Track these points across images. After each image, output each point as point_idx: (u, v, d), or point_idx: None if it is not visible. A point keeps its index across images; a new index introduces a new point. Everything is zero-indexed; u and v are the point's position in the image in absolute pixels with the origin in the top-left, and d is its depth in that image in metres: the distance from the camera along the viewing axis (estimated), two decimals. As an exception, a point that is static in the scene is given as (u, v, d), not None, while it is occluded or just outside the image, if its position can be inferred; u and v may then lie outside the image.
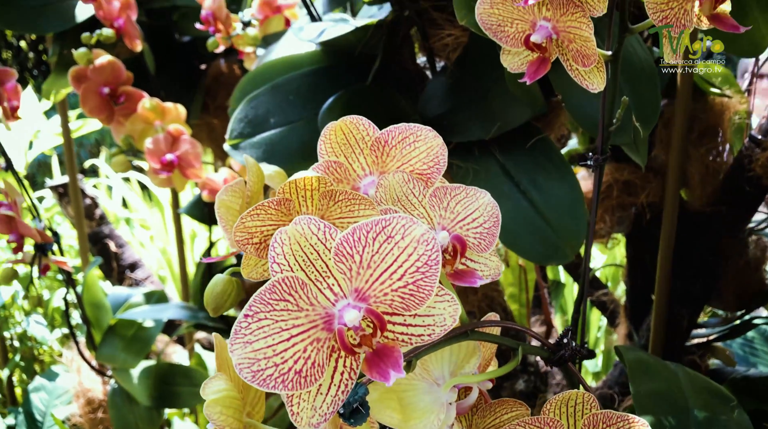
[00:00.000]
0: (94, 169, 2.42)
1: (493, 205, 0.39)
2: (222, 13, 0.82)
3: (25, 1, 1.00)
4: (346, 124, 0.39)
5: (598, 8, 0.41)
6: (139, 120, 0.83)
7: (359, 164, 0.39)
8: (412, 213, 0.38)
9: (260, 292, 0.28)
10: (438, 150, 0.39)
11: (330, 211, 0.36)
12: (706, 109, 0.93)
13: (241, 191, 0.39)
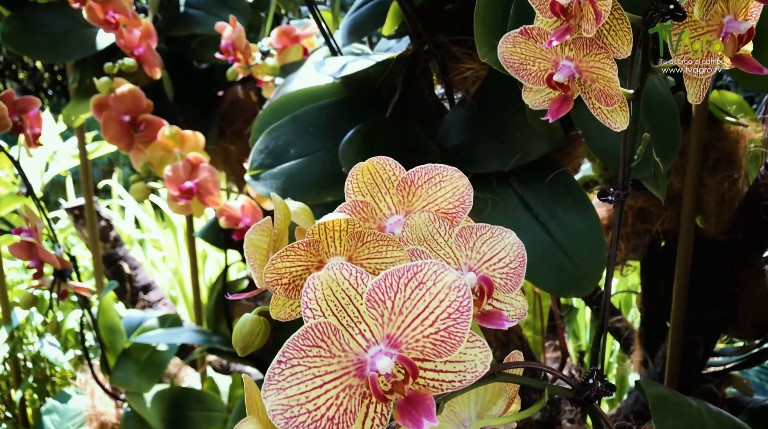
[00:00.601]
0: (107, 189, 2.44)
1: (519, 245, 0.39)
2: (242, 44, 0.84)
3: (49, 30, 1.02)
4: (373, 165, 0.40)
5: (622, 51, 0.41)
6: (158, 147, 0.84)
7: (385, 203, 0.40)
8: (438, 253, 0.38)
9: (294, 338, 0.29)
10: (463, 190, 0.40)
11: (358, 252, 0.36)
12: (721, 137, 0.94)
13: (268, 230, 0.39)
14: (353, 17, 0.72)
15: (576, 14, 0.42)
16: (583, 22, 0.42)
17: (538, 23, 0.46)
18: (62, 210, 1.62)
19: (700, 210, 0.96)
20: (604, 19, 0.39)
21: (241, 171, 1.16)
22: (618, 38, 0.41)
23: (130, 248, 1.85)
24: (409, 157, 0.67)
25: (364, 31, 0.70)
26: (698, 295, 0.95)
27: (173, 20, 1.00)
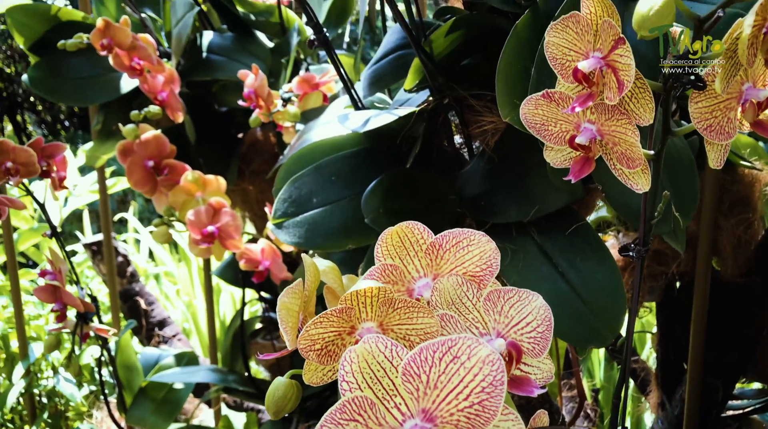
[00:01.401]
0: (122, 221, 2.47)
1: (546, 309, 0.40)
2: (264, 92, 0.86)
3: (75, 74, 1.05)
4: (402, 229, 0.41)
5: (643, 118, 0.42)
6: (181, 192, 0.86)
7: (414, 266, 0.41)
8: (466, 317, 0.39)
9: (331, 412, 0.30)
10: (491, 254, 0.40)
11: (389, 318, 0.37)
12: (735, 180, 0.94)
13: (299, 292, 0.40)
14: (374, 69, 0.74)
15: (598, 81, 0.43)
16: (606, 90, 0.43)
17: (560, 87, 0.47)
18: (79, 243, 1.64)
19: (717, 252, 0.96)
20: (627, 88, 0.41)
21: (260, 210, 1.17)
22: (640, 106, 0.43)
23: (146, 282, 1.86)
24: (430, 207, 0.68)
25: (385, 83, 0.72)
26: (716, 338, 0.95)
27: (196, 65, 1.03)
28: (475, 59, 0.70)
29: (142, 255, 2.11)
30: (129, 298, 1.48)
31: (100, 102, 1.06)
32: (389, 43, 0.74)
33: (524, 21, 0.55)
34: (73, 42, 0.94)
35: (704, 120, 0.42)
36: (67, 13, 1.04)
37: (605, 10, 0.42)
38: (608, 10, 0.42)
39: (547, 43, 0.46)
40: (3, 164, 0.79)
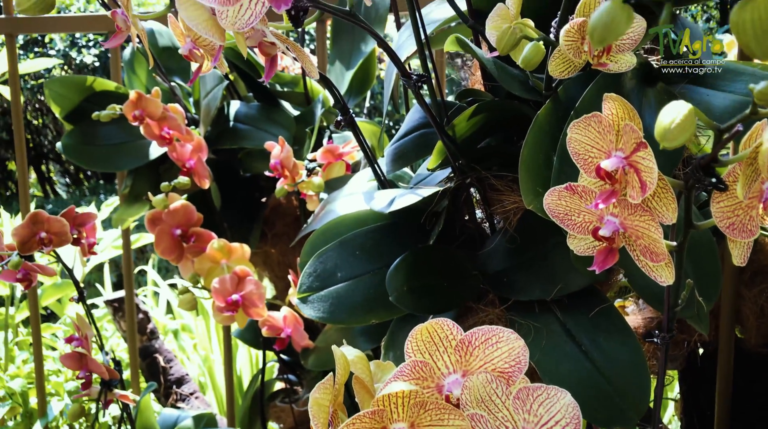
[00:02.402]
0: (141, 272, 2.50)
1: (574, 406, 0.40)
2: (290, 163, 0.89)
3: (106, 141, 1.09)
4: (432, 325, 0.42)
5: (666, 217, 0.44)
6: (206, 259, 0.88)
7: (443, 363, 0.42)
8: (496, 415, 0.39)
9: None
10: (519, 351, 0.41)
11: (420, 418, 0.38)
12: (757, 250, 0.94)
13: (330, 387, 0.41)
14: (397, 146, 0.76)
15: (621, 179, 0.45)
16: (629, 188, 0.44)
17: (582, 181, 0.49)
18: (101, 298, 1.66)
19: (740, 322, 0.95)
20: (650, 190, 0.42)
21: (281, 272, 1.19)
22: (663, 204, 0.44)
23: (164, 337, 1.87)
24: (453, 283, 0.69)
25: (408, 160, 0.74)
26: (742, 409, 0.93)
27: (223, 134, 1.07)
28: (497, 139, 0.72)
29: (160, 308, 2.12)
30: (148, 356, 1.49)
31: (129, 168, 1.09)
32: (412, 121, 0.76)
33: (545, 111, 0.57)
34: (107, 113, 0.97)
35: (726, 219, 0.43)
36: (101, 83, 1.09)
37: (626, 113, 0.44)
38: (629, 113, 0.44)
39: (569, 139, 0.48)
40: (37, 234, 0.82)
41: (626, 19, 0.28)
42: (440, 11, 0.75)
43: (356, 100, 1.16)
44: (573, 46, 0.48)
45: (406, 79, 0.58)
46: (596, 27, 0.28)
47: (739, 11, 0.27)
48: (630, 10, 0.28)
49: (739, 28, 0.27)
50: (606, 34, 0.28)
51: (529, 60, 0.47)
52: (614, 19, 0.27)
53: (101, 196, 3.61)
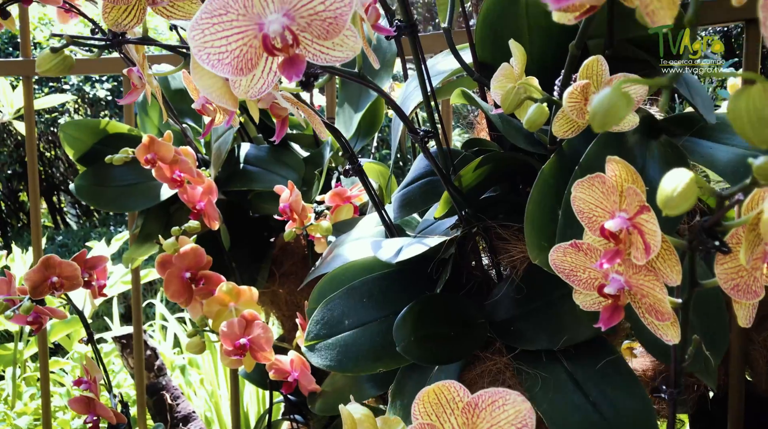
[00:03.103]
0: (149, 304, 2.50)
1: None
2: (298, 206, 0.90)
3: (118, 183, 1.11)
4: (439, 387, 0.42)
5: (671, 278, 0.44)
6: (215, 302, 0.88)
7: (450, 425, 0.42)
8: (503, 480, 0.39)
9: None
10: (526, 413, 0.41)
11: (427, 484, 0.38)
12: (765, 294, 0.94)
13: (338, 448, 0.41)
14: (404, 193, 0.77)
15: (625, 240, 0.45)
16: (633, 249, 0.45)
17: (587, 238, 0.49)
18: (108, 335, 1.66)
19: (749, 365, 0.95)
20: (654, 253, 0.43)
21: (288, 311, 1.19)
22: (666, 266, 0.44)
23: (171, 373, 1.87)
24: (460, 331, 0.69)
25: (415, 208, 0.75)
26: (755, 455, 0.92)
27: (233, 175, 1.08)
28: (503, 187, 0.73)
29: (168, 342, 2.12)
30: (155, 393, 1.48)
31: (140, 209, 1.11)
32: (419, 168, 0.77)
33: (550, 165, 0.58)
34: (120, 157, 0.99)
35: (730, 280, 0.44)
36: (114, 126, 1.11)
37: (629, 175, 0.44)
38: (632, 176, 0.44)
39: (573, 197, 0.48)
40: (49, 279, 0.83)
41: (626, 105, 0.29)
42: (446, 62, 0.77)
43: (364, 141, 1.18)
44: (576, 107, 0.49)
45: (413, 134, 0.59)
46: (597, 113, 0.29)
47: (734, 100, 0.28)
48: (629, 97, 0.29)
49: (735, 115, 0.27)
50: (606, 120, 0.29)
51: (533, 122, 0.48)
52: (614, 106, 0.28)
53: (111, 227, 3.64)
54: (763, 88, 0.27)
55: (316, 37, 0.40)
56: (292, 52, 0.40)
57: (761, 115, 0.27)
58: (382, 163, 1.18)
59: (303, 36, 0.40)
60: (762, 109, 0.27)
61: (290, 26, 0.39)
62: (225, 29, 0.39)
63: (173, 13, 0.55)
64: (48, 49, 0.51)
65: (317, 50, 0.41)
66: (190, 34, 0.39)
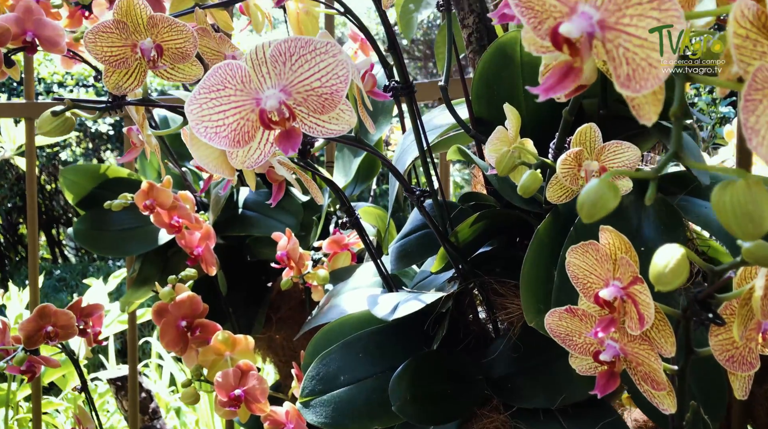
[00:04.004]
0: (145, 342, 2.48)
1: None
2: (296, 254, 0.90)
3: (116, 227, 1.11)
4: None
5: (665, 349, 0.44)
6: (211, 351, 0.88)
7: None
8: None
9: None
10: None
11: None
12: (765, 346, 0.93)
13: None
14: (401, 244, 0.77)
15: (619, 309, 0.45)
16: (627, 318, 0.45)
17: (582, 304, 0.49)
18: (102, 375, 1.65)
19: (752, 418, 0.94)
20: (648, 324, 0.42)
21: (284, 356, 1.18)
22: (661, 336, 0.44)
23: (166, 415, 1.85)
24: (457, 388, 0.69)
25: (412, 260, 0.75)
26: None
27: (231, 220, 1.08)
28: (499, 241, 0.73)
29: (164, 380, 2.10)
30: (149, 437, 1.46)
31: (138, 253, 1.11)
32: (416, 220, 0.78)
33: (545, 225, 0.58)
34: (119, 203, 1.00)
35: (725, 351, 0.43)
36: (114, 171, 1.12)
37: (622, 245, 0.45)
38: (624, 246, 0.45)
39: (568, 262, 0.49)
40: (44, 328, 0.82)
41: (614, 197, 0.29)
42: (443, 117, 0.78)
43: (363, 186, 1.19)
44: (569, 174, 0.50)
45: (410, 193, 0.59)
46: (584, 203, 0.29)
47: (719, 192, 0.28)
48: (617, 189, 0.29)
49: (720, 208, 0.28)
50: (594, 212, 0.29)
51: (527, 188, 0.49)
52: (602, 197, 0.29)
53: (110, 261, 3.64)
54: (747, 183, 0.27)
55: (312, 111, 0.41)
56: (289, 126, 0.41)
57: (745, 209, 0.27)
58: (380, 207, 1.19)
59: (299, 110, 0.41)
60: (746, 204, 0.27)
61: (287, 101, 0.40)
62: (222, 104, 0.40)
63: (173, 76, 0.56)
64: (49, 112, 0.52)
65: (313, 123, 0.42)
66: (188, 108, 0.40)
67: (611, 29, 0.28)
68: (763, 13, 0.27)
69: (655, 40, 0.26)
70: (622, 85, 0.28)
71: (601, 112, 0.63)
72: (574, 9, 0.29)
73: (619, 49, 0.28)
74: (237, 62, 0.40)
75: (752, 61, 0.27)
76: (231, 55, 0.62)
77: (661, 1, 0.26)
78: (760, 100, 0.26)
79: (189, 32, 0.54)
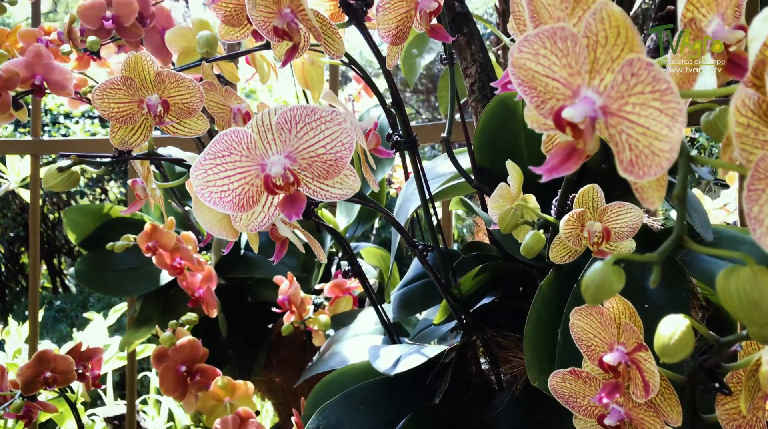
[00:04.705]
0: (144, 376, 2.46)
1: None
2: (297, 299, 0.89)
3: (118, 267, 1.11)
4: None
5: (672, 418, 0.43)
6: (210, 397, 0.87)
7: None
8: None
9: None
10: None
11: None
12: None
13: None
14: (404, 292, 0.77)
15: (624, 374, 0.45)
16: (632, 385, 0.44)
17: (586, 366, 0.49)
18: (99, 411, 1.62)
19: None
20: (653, 392, 0.42)
21: (284, 399, 1.17)
22: (667, 404, 0.44)
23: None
24: (459, 443, 0.68)
25: (415, 310, 0.74)
26: None
27: (233, 262, 1.08)
28: (502, 292, 0.73)
29: (162, 416, 2.07)
30: (145, 478, 1.44)
31: (140, 293, 1.10)
32: (418, 267, 0.78)
33: (549, 281, 0.58)
34: (121, 244, 1.00)
35: (732, 420, 0.43)
36: (117, 211, 1.12)
37: (626, 309, 0.44)
38: (628, 310, 0.44)
39: (572, 324, 0.48)
40: (42, 374, 0.82)
41: (618, 280, 0.29)
42: (446, 165, 0.78)
43: (365, 226, 1.19)
44: (572, 234, 0.50)
45: (412, 247, 0.59)
46: (589, 287, 0.29)
47: (724, 279, 0.28)
48: (621, 273, 0.29)
49: (725, 295, 0.28)
50: (599, 295, 0.29)
51: (530, 249, 0.49)
52: (607, 281, 0.29)
53: (110, 291, 3.61)
54: (752, 271, 0.27)
55: (316, 176, 0.41)
56: (293, 190, 0.41)
57: (751, 298, 0.27)
58: (382, 248, 1.18)
59: (303, 175, 0.41)
60: (751, 292, 0.27)
61: (291, 167, 0.40)
62: (228, 169, 0.40)
63: (179, 130, 0.57)
64: (55, 168, 0.53)
65: (318, 187, 0.42)
66: (194, 174, 0.40)
67: (614, 115, 0.28)
68: (764, 101, 0.27)
69: (658, 130, 0.26)
70: (625, 170, 0.28)
71: (604, 166, 0.63)
72: (576, 92, 0.29)
73: (622, 135, 0.28)
74: (243, 129, 0.40)
75: (754, 150, 0.27)
76: (237, 108, 0.63)
77: (663, 92, 0.26)
78: (763, 189, 0.26)
79: (195, 88, 0.55)
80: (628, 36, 0.28)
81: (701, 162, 0.30)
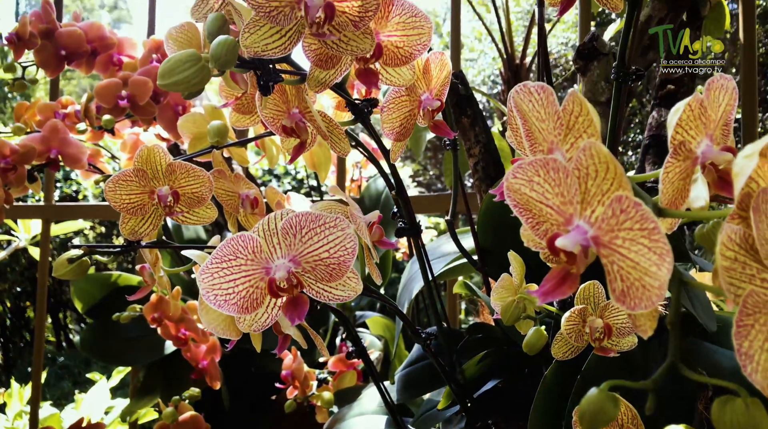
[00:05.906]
0: None
1: None
2: (301, 374, 0.89)
3: (123, 335, 1.11)
4: None
5: None
6: (210, 476, 0.85)
7: None
8: None
9: None
10: None
11: None
12: None
13: None
14: (408, 372, 0.76)
15: None
16: None
17: None
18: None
19: None
20: None
21: (286, 473, 1.15)
22: None
23: None
24: None
25: (420, 392, 0.74)
26: None
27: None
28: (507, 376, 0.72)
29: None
30: None
31: (144, 363, 1.10)
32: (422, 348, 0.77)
33: (552, 371, 0.58)
34: (127, 315, 1.00)
35: None
36: (125, 279, 1.13)
37: (628, 411, 0.44)
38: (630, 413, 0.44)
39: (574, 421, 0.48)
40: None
41: (613, 408, 0.29)
42: (449, 245, 0.79)
43: (370, 295, 1.19)
44: (574, 330, 0.50)
45: (416, 336, 0.60)
46: (585, 414, 0.30)
47: (719, 411, 0.28)
48: (617, 400, 0.30)
49: (720, 425, 0.28)
50: (594, 423, 0.29)
51: (532, 346, 0.49)
52: (602, 409, 0.29)
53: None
54: (745, 403, 0.28)
55: (319, 279, 0.42)
56: (296, 293, 0.42)
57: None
58: (387, 317, 1.18)
59: (306, 277, 0.42)
60: (745, 425, 0.27)
61: (295, 270, 0.41)
62: (233, 273, 0.41)
63: (188, 219, 0.58)
64: (66, 258, 0.54)
65: (321, 289, 0.43)
66: (200, 277, 0.41)
67: (605, 247, 0.29)
68: (750, 235, 0.28)
69: (647, 266, 0.27)
70: (617, 299, 0.29)
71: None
72: (569, 221, 0.30)
73: (614, 266, 0.29)
74: (248, 234, 0.41)
75: (742, 284, 0.28)
76: (245, 194, 0.64)
77: (651, 232, 0.27)
78: (752, 324, 0.27)
79: (205, 177, 0.57)
80: (617, 172, 0.29)
81: (694, 286, 0.31)
